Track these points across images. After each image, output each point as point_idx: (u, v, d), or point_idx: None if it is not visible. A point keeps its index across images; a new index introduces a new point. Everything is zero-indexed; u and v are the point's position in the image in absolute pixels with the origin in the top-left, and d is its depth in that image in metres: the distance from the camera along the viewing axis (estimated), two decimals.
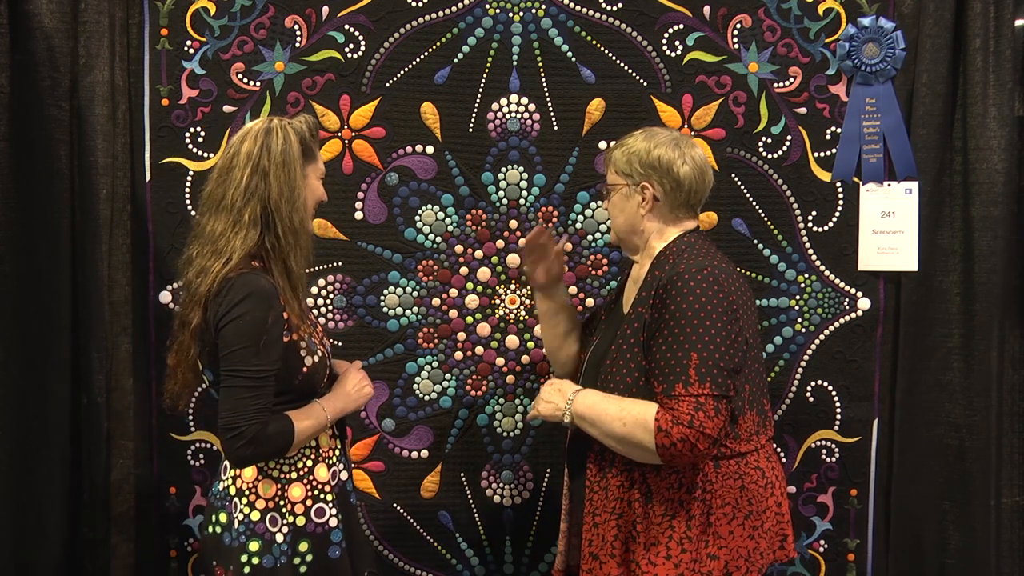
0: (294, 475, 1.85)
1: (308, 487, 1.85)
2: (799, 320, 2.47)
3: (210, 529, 1.88)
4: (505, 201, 2.45)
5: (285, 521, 1.82)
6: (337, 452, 1.93)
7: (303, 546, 1.83)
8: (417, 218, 2.44)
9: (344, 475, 1.94)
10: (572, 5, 2.41)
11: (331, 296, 2.44)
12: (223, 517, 1.86)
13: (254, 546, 1.81)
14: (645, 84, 2.43)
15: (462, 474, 2.49)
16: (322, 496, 1.86)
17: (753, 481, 1.86)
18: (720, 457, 1.84)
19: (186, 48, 2.38)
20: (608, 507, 1.88)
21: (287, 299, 1.79)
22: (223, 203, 1.81)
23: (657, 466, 1.83)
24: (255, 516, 1.82)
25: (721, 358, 1.76)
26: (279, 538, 1.81)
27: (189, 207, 2.39)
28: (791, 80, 2.43)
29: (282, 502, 1.83)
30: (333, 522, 1.87)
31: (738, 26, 2.42)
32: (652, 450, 1.75)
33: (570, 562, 2.08)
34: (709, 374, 1.74)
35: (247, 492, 1.83)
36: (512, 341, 2.47)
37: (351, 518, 1.95)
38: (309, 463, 1.87)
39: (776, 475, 1.92)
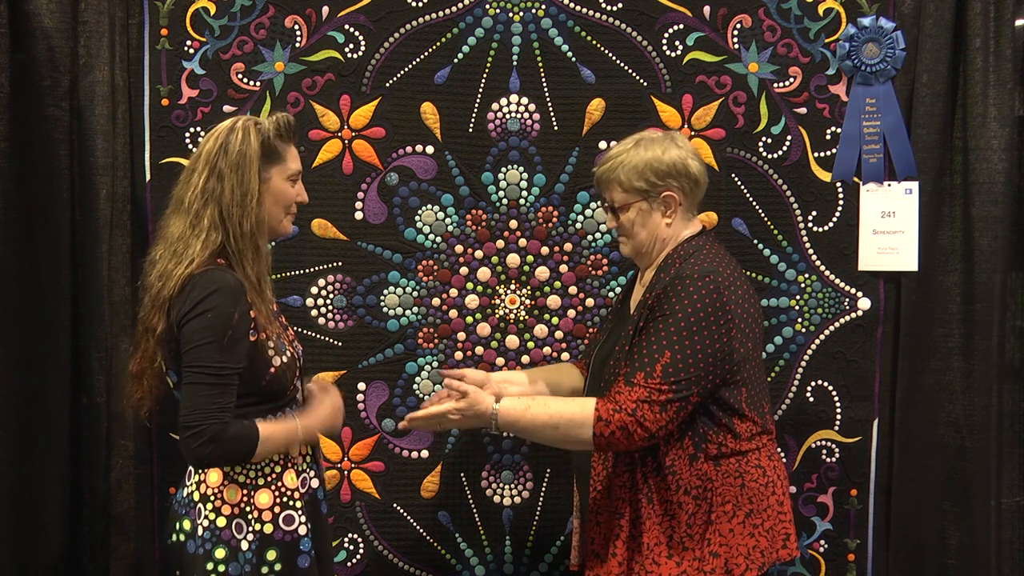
0: (261, 481, 1.79)
1: (276, 494, 1.79)
2: (799, 320, 2.46)
3: (173, 537, 1.82)
4: (505, 201, 2.45)
5: (251, 528, 1.76)
6: (308, 459, 1.88)
7: (271, 555, 1.77)
8: (417, 218, 2.44)
9: (315, 483, 1.89)
10: (572, 5, 2.41)
11: (331, 296, 2.44)
12: (187, 524, 1.79)
13: (220, 553, 1.74)
14: (645, 84, 2.43)
15: (462, 474, 2.49)
16: (291, 503, 1.81)
17: (754, 480, 1.86)
18: (720, 456, 1.84)
19: (186, 48, 2.38)
20: (610, 507, 1.89)
21: (254, 297, 1.74)
22: (183, 206, 1.77)
23: (658, 467, 1.84)
24: (221, 522, 1.76)
25: (694, 364, 1.77)
26: (244, 546, 1.75)
27: None
28: (791, 80, 2.43)
29: (248, 508, 1.77)
30: (302, 530, 1.81)
31: (738, 26, 2.42)
32: (588, 441, 1.80)
33: (583, 558, 2.08)
34: (675, 375, 1.76)
35: (212, 498, 1.77)
36: (512, 341, 2.47)
37: (322, 528, 1.90)
38: (278, 469, 1.81)
39: (778, 474, 1.93)
